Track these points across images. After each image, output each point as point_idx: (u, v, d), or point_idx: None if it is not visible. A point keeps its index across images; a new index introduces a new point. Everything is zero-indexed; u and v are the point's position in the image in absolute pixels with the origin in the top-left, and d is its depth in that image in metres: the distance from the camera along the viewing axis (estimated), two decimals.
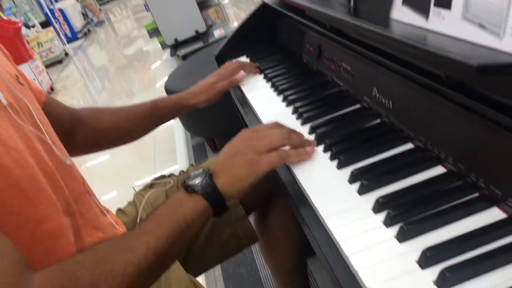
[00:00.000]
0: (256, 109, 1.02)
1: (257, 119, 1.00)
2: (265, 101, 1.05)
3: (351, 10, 0.88)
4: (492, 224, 0.52)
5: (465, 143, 0.59)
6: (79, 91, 5.36)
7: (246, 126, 1.31)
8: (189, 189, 0.64)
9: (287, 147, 0.72)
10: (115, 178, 2.81)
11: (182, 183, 0.66)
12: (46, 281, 0.53)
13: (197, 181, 0.65)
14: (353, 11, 0.88)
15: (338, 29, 0.94)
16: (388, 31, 0.67)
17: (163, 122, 1.08)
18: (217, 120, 2.25)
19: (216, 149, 2.47)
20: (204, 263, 1.01)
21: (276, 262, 1.18)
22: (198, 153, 2.59)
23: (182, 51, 4.01)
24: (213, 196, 0.64)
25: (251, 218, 1.04)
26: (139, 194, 1.02)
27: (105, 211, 0.82)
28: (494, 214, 0.54)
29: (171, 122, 2.85)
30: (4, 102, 0.61)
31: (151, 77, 4.89)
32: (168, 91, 2.34)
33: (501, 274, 0.46)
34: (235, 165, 0.67)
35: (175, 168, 2.57)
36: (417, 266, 0.50)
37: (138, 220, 0.94)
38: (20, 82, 0.71)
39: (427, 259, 0.49)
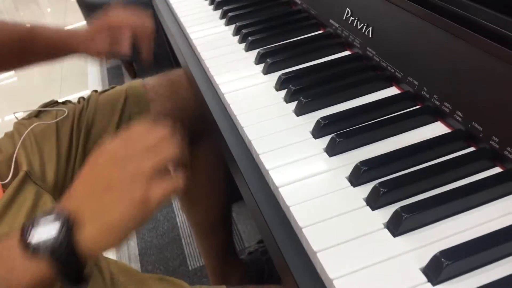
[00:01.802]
0: (186, 27, 0.78)
1: (188, 43, 0.76)
2: (199, 16, 0.81)
3: None
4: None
5: None
6: None
7: (171, 49, 1.05)
8: (31, 249, 0.38)
9: None
10: (9, 102, 2.40)
11: (21, 231, 0.39)
12: None
13: (47, 235, 0.39)
14: None
15: None
16: None
17: (37, 61, 0.78)
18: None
19: (134, 75, 2.18)
20: None
21: (197, 218, 0.99)
22: (113, 78, 2.30)
23: None
24: (68, 261, 0.39)
25: None
26: (20, 124, 0.76)
27: None
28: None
29: None
30: None
31: None
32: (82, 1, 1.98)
33: None
34: (115, 207, 0.40)
35: (85, 93, 2.24)
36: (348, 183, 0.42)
37: (13, 160, 0.68)
38: None
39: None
